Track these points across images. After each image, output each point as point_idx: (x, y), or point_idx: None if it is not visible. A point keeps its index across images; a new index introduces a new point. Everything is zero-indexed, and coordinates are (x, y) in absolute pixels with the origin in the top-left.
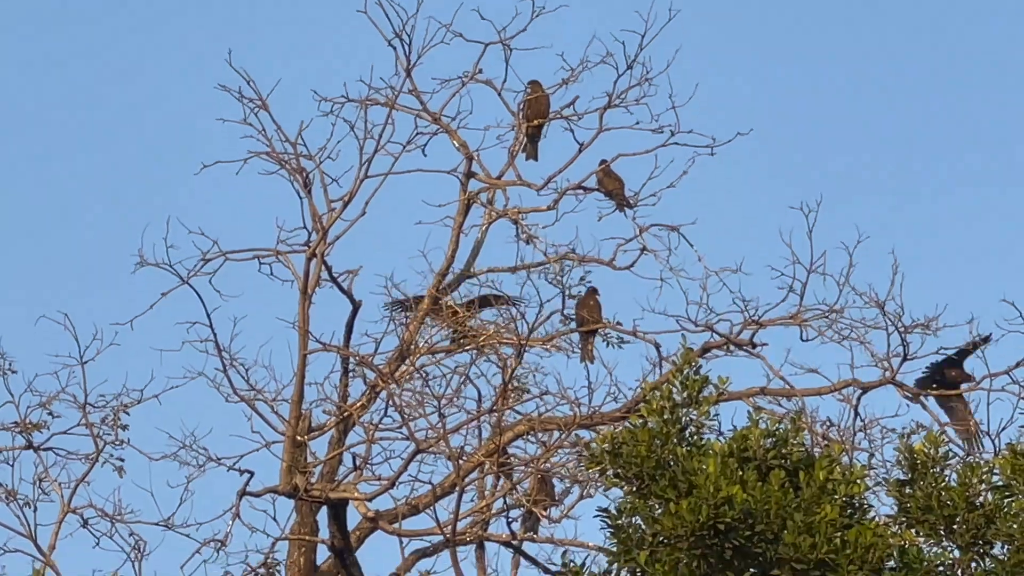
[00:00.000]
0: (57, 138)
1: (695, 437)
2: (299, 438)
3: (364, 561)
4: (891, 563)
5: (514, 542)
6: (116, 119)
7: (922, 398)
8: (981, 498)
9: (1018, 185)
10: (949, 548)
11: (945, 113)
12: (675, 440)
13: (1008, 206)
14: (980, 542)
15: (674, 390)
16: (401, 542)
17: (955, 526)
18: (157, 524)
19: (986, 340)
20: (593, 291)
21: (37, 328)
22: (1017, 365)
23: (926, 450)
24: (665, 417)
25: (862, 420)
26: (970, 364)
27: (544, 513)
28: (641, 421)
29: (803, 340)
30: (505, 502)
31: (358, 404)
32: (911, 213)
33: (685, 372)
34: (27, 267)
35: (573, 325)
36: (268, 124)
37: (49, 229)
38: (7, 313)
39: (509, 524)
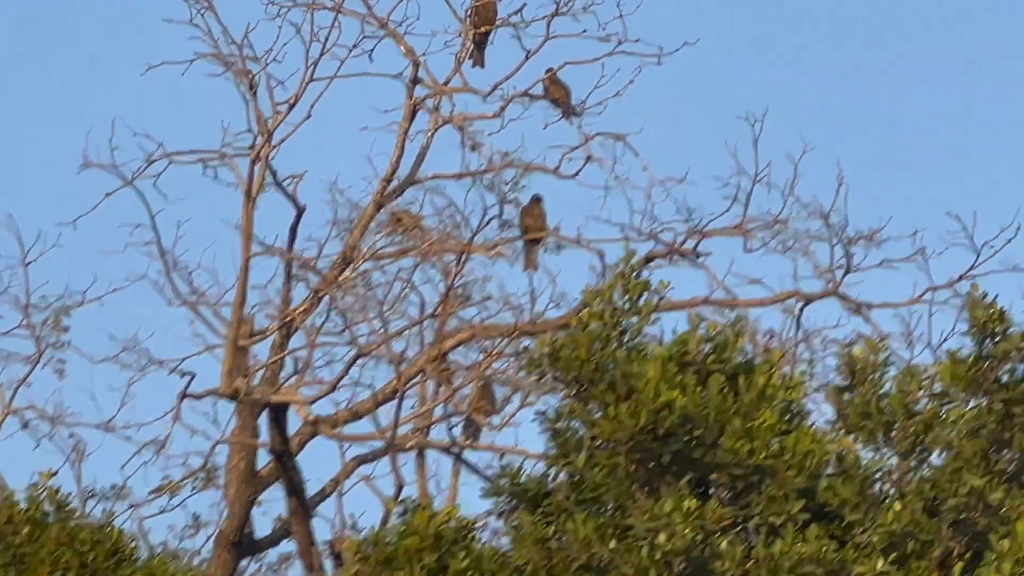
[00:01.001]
0: (2, 35)
1: (635, 342)
2: (241, 342)
3: (304, 466)
4: (829, 469)
5: (455, 449)
6: (62, 18)
7: (863, 309)
8: (920, 405)
9: (966, 90)
10: (887, 455)
11: (894, 11)
12: (615, 344)
13: (955, 115)
14: (918, 449)
15: (615, 295)
16: (342, 447)
17: (893, 433)
18: (97, 426)
19: None
20: (537, 199)
21: None
22: (960, 279)
23: (865, 356)
24: (605, 321)
25: (804, 331)
26: (912, 277)
27: (485, 420)
28: (581, 325)
29: (747, 251)
30: (446, 409)
31: (300, 309)
32: (856, 123)
33: (627, 276)
34: None
35: (516, 232)
36: (215, 26)
37: None
38: None
39: (450, 431)
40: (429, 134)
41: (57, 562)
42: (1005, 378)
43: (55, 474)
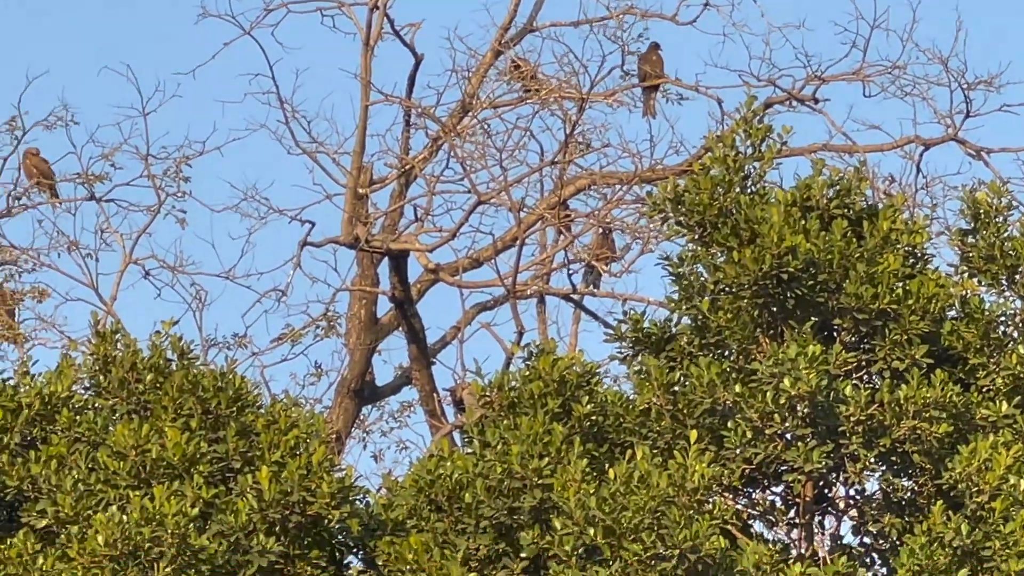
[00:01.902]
0: None
1: (758, 187)
2: (360, 190)
3: (424, 313)
4: (952, 313)
5: (575, 296)
6: None
7: (984, 155)
8: None
9: None
10: (1011, 298)
11: None
12: (738, 188)
13: None
14: None
15: (737, 139)
16: (462, 295)
17: (1018, 276)
18: (218, 275)
19: None
20: (655, 46)
21: (100, 79)
22: None
23: (989, 200)
24: (728, 165)
25: (924, 177)
26: None
27: (605, 268)
28: (704, 170)
29: (866, 96)
30: (566, 256)
31: (420, 157)
32: None
33: (749, 121)
34: (90, 18)
35: (635, 80)
36: None
37: None
38: (70, 64)
39: (570, 278)
40: None
41: (180, 409)
42: None
43: (177, 322)
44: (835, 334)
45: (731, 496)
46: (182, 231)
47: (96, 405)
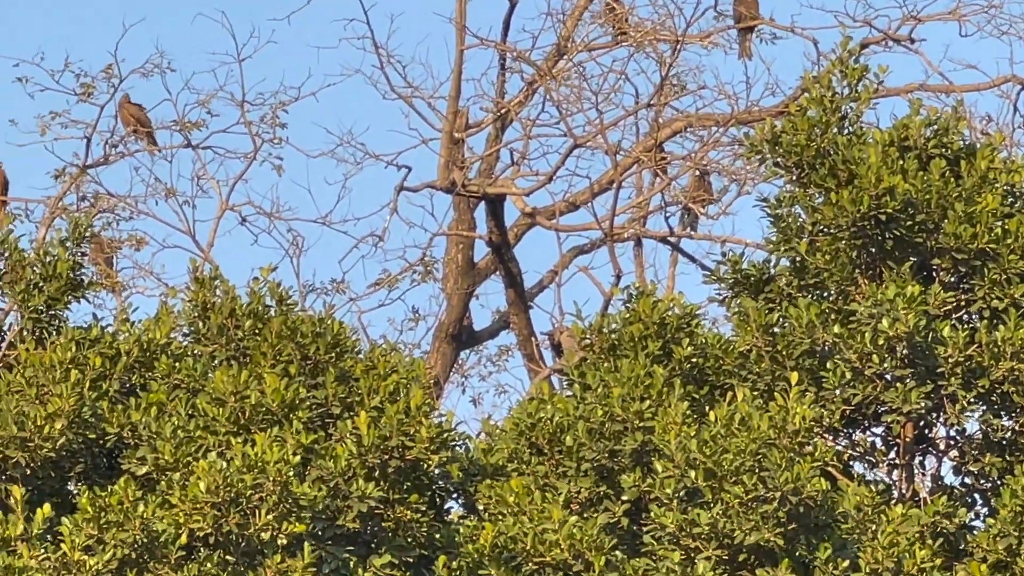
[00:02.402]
0: None
1: (855, 127)
2: (456, 134)
3: (521, 257)
4: None
5: (672, 238)
6: None
7: None
8: None
9: None
10: None
11: None
12: (835, 129)
13: None
14: None
15: (834, 79)
16: (559, 238)
17: None
18: (315, 221)
19: None
20: None
21: (194, 26)
22: None
23: None
24: (825, 106)
25: (1021, 116)
26: None
27: (702, 210)
28: (800, 111)
29: (962, 36)
30: (663, 198)
31: (515, 100)
32: None
33: (844, 62)
34: None
35: (730, 21)
36: None
37: None
38: (164, 11)
39: (667, 220)
40: None
41: (279, 355)
42: None
43: (275, 269)
44: (934, 274)
45: (831, 437)
46: (278, 177)
47: (195, 352)
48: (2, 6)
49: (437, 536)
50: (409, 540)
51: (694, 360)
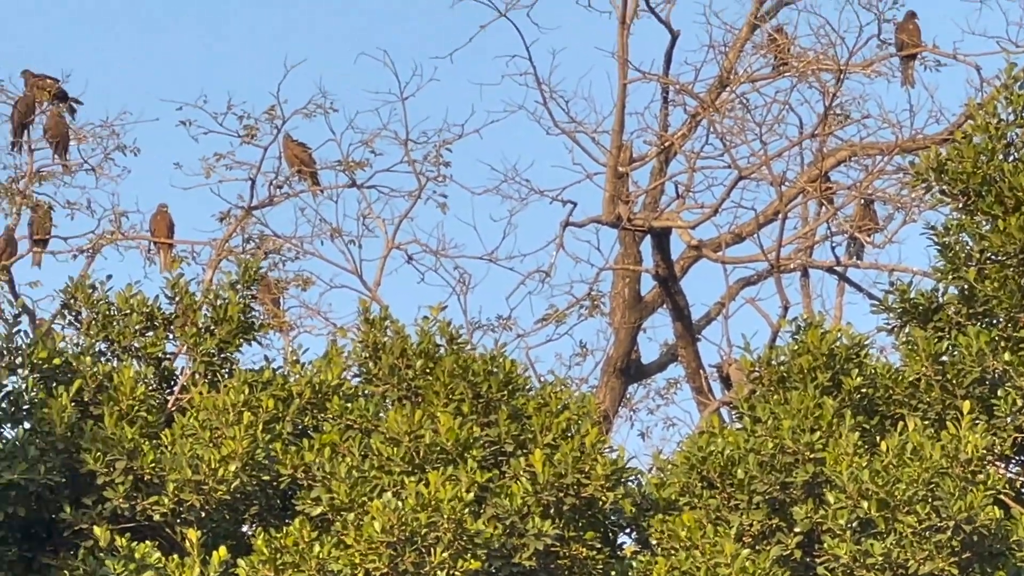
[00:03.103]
0: None
1: (1021, 154)
2: (621, 168)
3: (688, 290)
4: None
5: (838, 268)
6: None
7: None
8: None
9: None
10: None
11: None
12: (1001, 156)
13: None
14: None
15: (999, 106)
16: (725, 270)
17: None
18: (481, 258)
19: None
20: (912, 15)
21: (357, 65)
22: None
23: None
24: (990, 133)
25: None
26: None
27: (868, 239)
28: (966, 138)
29: None
30: (829, 228)
31: (679, 133)
32: None
33: (1010, 88)
34: (344, 5)
35: (892, 50)
36: None
37: None
38: (327, 51)
39: (833, 250)
40: None
41: (452, 394)
42: None
43: (444, 308)
44: None
45: (1003, 465)
46: (443, 215)
47: (367, 392)
48: (165, 51)
49: (612, 573)
50: None
51: (864, 390)
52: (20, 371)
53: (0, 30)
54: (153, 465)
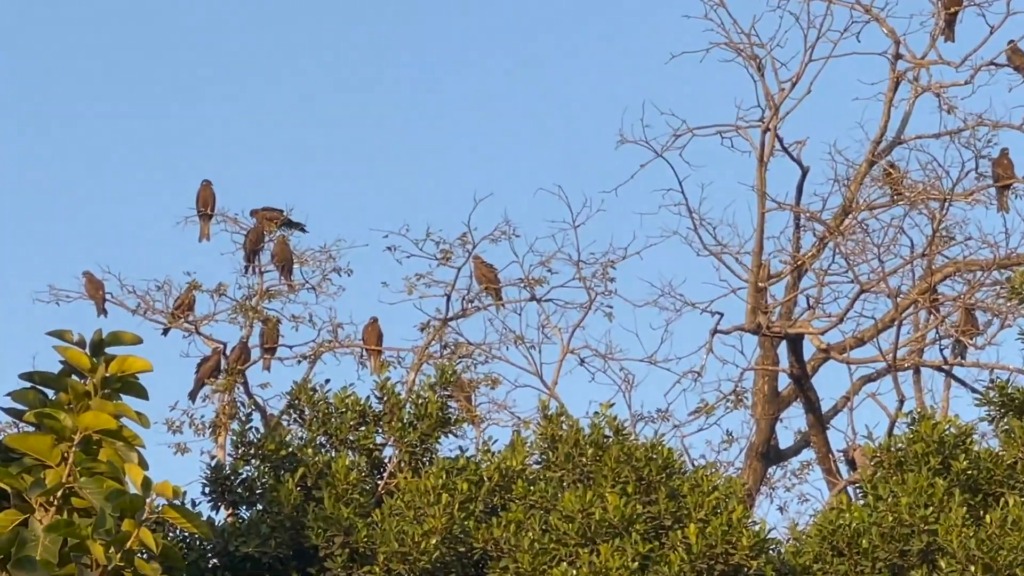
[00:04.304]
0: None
1: None
2: (760, 284)
3: (818, 386)
4: None
5: (946, 367)
6: (603, 14)
7: None
8: None
9: None
10: None
11: None
12: None
13: None
14: None
15: None
16: (850, 369)
17: None
18: (642, 360)
19: None
20: (1005, 151)
21: (536, 199)
22: None
23: None
24: None
25: None
26: None
27: (970, 342)
28: None
29: None
30: (937, 333)
31: (809, 254)
32: None
33: None
34: (525, 147)
35: (990, 181)
36: (726, 18)
37: (546, 108)
38: (510, 186)
39: (941, 351)
40: (911, 101)
41: (618, 477)
42: None
43: (612, 404)
44: None
45: None
46: (610, 324)
47: (546, 476)
48: (375, 186)
49: None
50: None
51: (969, 472)
52: (253, 461)
53: (235, 169)
54: (366, 539)
